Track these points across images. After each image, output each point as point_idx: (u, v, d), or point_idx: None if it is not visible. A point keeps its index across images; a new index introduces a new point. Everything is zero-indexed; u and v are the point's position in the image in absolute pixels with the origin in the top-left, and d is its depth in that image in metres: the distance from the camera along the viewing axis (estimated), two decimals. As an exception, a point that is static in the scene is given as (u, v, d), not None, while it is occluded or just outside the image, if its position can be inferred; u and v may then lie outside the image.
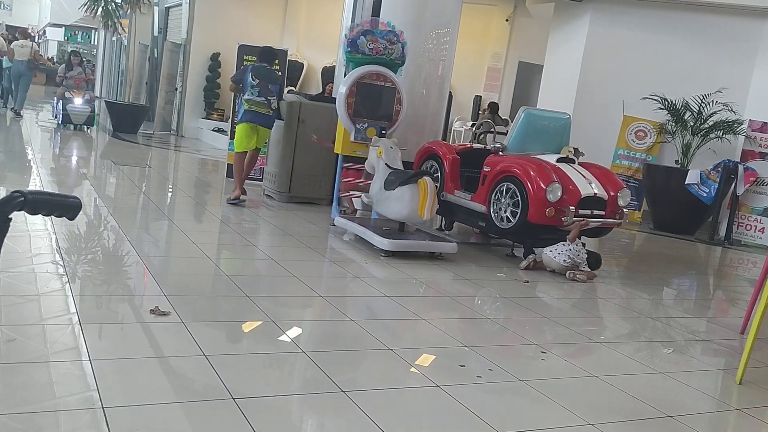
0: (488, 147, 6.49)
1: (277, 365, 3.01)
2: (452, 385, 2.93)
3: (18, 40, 14.59)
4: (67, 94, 12.40)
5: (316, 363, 2.99)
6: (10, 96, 14.70)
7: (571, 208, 5.47)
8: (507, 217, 5.68)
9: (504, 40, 13.90)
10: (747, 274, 7.83)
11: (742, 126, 9.08)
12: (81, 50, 19.90)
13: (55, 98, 13.02)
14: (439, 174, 6.39)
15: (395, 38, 6.21)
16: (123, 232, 5.21)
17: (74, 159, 10.04)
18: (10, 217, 1.24)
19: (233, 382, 2.66)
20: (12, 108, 13.73)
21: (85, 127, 12.48)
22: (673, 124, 9.29)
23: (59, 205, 1.29)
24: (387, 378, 2.99)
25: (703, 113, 9.09)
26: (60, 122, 12.44)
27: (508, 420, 2.69)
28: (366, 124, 6.16)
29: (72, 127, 12.44)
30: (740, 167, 8.84)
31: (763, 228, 9.00)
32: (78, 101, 12.37)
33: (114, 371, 2.67)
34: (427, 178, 5.40)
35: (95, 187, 7.44)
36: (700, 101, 9.04)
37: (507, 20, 13.89)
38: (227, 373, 2.75)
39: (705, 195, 8.76)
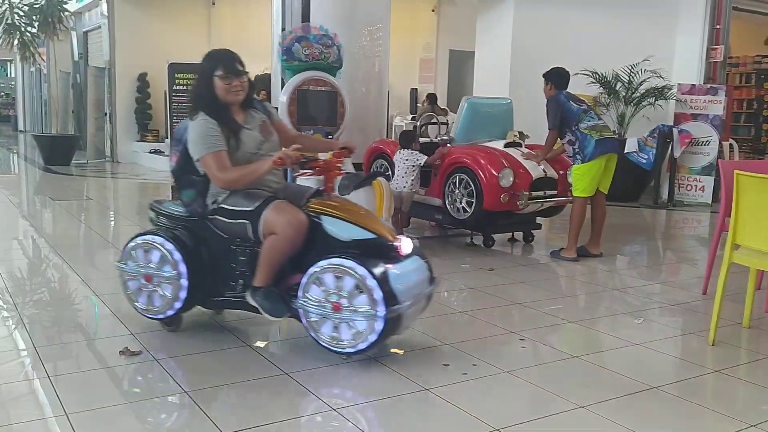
0: (434, 140, 6.50)
1: (262, 391, 2.92)
2: (440, 387, 2.91)
3: None
4: None
5: (299, 383, 2.92)
6: None
7: (524, 191, 5.53)
8: (463, 207, 5.71)
9: (433, 29, 13.99)
10: (693, 232, 8.11)
11: (672, 90, 9.37)
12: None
13: None
14: (390, 172, 6.37)
15: (330, 41, 6.16)
16: (74, 271, 5.00)
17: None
18: None
19: (220, 417, 2.58)
20: None
21: None
22: (606, 96, 9.50)
23: None
24: (373, 389, 2.95)
25: (634, 82, 9.34)
26: None
27: (502, 415, 2.68)
28: (312, 131, 6.08)
29: None
30: (675, 131, 9.13)
31: (703, 186, 9.33)
32: None
33: (92, 423, 2.54)
34: (381, 179, 5.29)
35: (35, 226, 7.14)
36: (629, 71, 9.28)
37: (433, 11, 13.97)
38: (213, 408, 2.67)
39: (644, 161, 9.00)
